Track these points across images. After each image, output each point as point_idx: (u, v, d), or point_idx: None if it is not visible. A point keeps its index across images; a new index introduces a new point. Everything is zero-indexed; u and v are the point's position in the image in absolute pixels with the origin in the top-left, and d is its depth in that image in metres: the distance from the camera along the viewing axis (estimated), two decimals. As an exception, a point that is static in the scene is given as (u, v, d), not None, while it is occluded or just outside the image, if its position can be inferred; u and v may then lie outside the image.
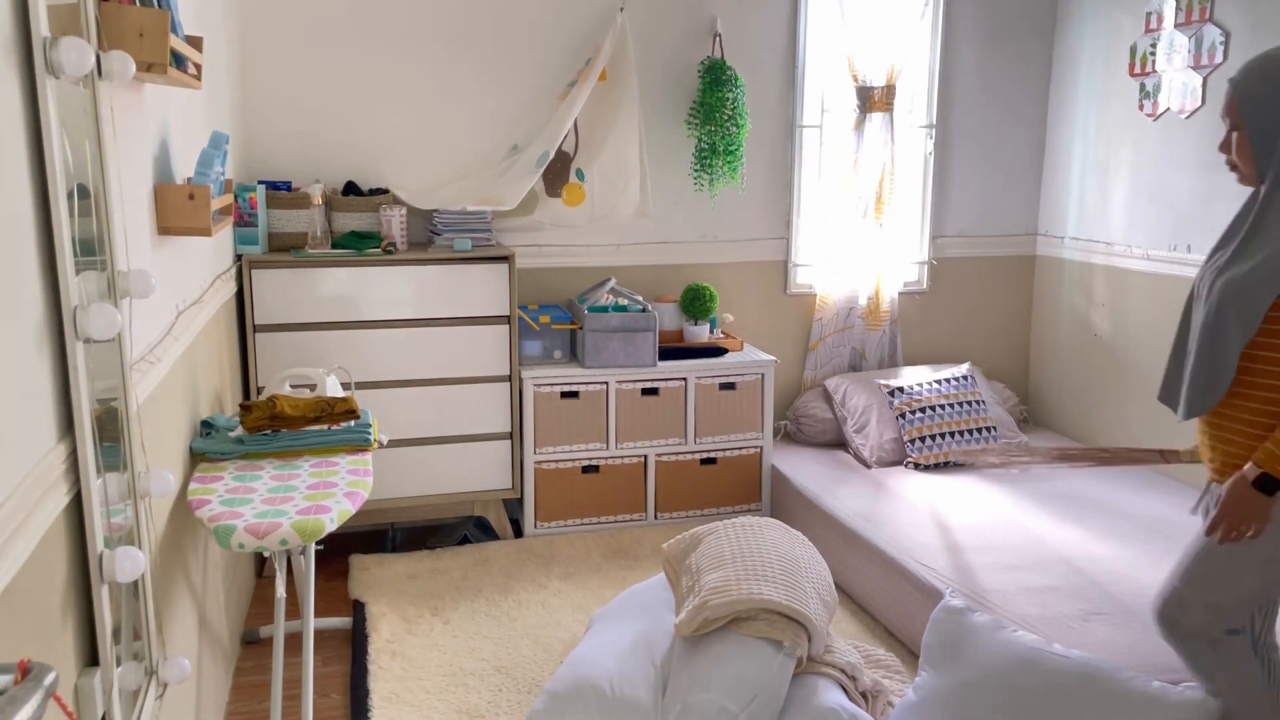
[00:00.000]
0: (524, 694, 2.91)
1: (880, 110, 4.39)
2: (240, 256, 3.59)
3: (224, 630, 2.94)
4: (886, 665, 3.00)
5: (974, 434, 4.09)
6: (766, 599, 2.47)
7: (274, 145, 3.93)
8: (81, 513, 1.56)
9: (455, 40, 4.03)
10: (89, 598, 1.59)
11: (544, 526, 4.04)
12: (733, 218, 4.46)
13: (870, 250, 4.51)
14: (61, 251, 1.48)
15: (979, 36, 4.58)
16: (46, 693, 1.02)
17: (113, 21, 1.78)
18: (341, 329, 3.68)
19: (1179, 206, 3.95)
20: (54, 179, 1.46)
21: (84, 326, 1.52)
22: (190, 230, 2.34)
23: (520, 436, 3.94)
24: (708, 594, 2.53)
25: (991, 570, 3.06)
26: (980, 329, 4.85)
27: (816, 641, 2.52)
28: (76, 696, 1.55)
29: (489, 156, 4.14)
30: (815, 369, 4.61)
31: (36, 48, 1.42)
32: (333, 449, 2.80)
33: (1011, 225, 4.80)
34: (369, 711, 2.81)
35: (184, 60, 2.19)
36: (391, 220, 3.79)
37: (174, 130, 2.56)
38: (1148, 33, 4.07)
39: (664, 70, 4.26)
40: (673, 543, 2.89)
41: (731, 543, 2.73)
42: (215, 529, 2.23)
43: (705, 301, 4.19)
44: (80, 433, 1.53)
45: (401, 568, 3.71)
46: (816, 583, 2.64)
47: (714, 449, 4.16)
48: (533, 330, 4.05)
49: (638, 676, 2.54)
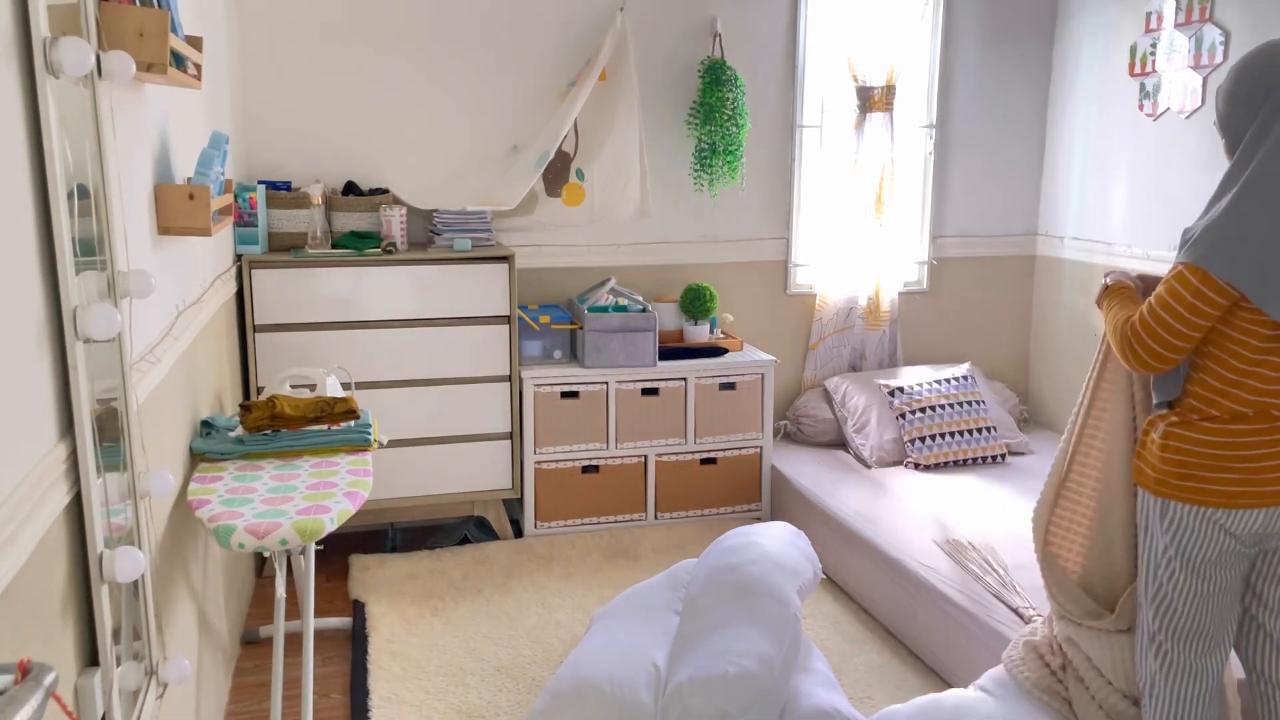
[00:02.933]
0: (524, 694, 2.91)
1: (880, 110, 4.39)
2: (240, 256, 3.59)
3: (224, 630, 2.94)
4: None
5: (974, 434, 4.08)
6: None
7: (274, 145, 3.93)
8: (81, 513, 1.55)
9: (455, 40, 4.03)
10: (89, 598, 1.59)
11: (544, 526, 4.04)
12: (733, 218, 4.46)
13: (870, 250, 4.51)
14: (61, 251, 1.48)
15: (979, 36, 4.58)
16: (46, 693, 1.02)
17: (113, 21, 1.78)
18: (341, 329, 3.68)
19: (1179, 206, 3.95)
20: (54, 179, 1.46)
21: (84, 326, 1.52)
22: (190, 230, 2.34)
23: (520, 436, 3.94)
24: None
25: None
26: (980, 329, 4.85)
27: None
28: (76, 696, 1.55)
29: (489, 156, 4.14)
30: (815, 369, 4.61)
31: (36, 48, 1.41)
32: (333, 449, 2.80)
33: (1011, 225, 4.80)
34: (369, 711, 2.81)
35: (184, 60, 2.19)
36: (391, 220, 3.79)
37: (174, 130, 2.56)
38: (1148, 33, 4.07)
39: (664, 70, 4.26)
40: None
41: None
42: (215, 529, 2.23)
43: (705, 301, 4.19)
44: (80, 433, 1.53)
45: (401, 568, 3.71)
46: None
47: (714, 449, 4.16)
48: (533, 330, 4.05)
49: (638, 676, 2.54)
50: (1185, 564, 2.04)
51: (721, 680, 2.39)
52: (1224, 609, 2.07)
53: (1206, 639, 2.08)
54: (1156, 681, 2.13)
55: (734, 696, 2.37)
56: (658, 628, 2.77)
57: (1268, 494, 1.96)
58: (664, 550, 3.89)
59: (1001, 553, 3.15)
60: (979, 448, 4.07)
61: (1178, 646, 2.09)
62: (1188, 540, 2.03)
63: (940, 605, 2.98)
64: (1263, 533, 1.99)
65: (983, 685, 2.57)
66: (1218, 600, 2.05)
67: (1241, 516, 1.97)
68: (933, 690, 2.94)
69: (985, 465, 4.07)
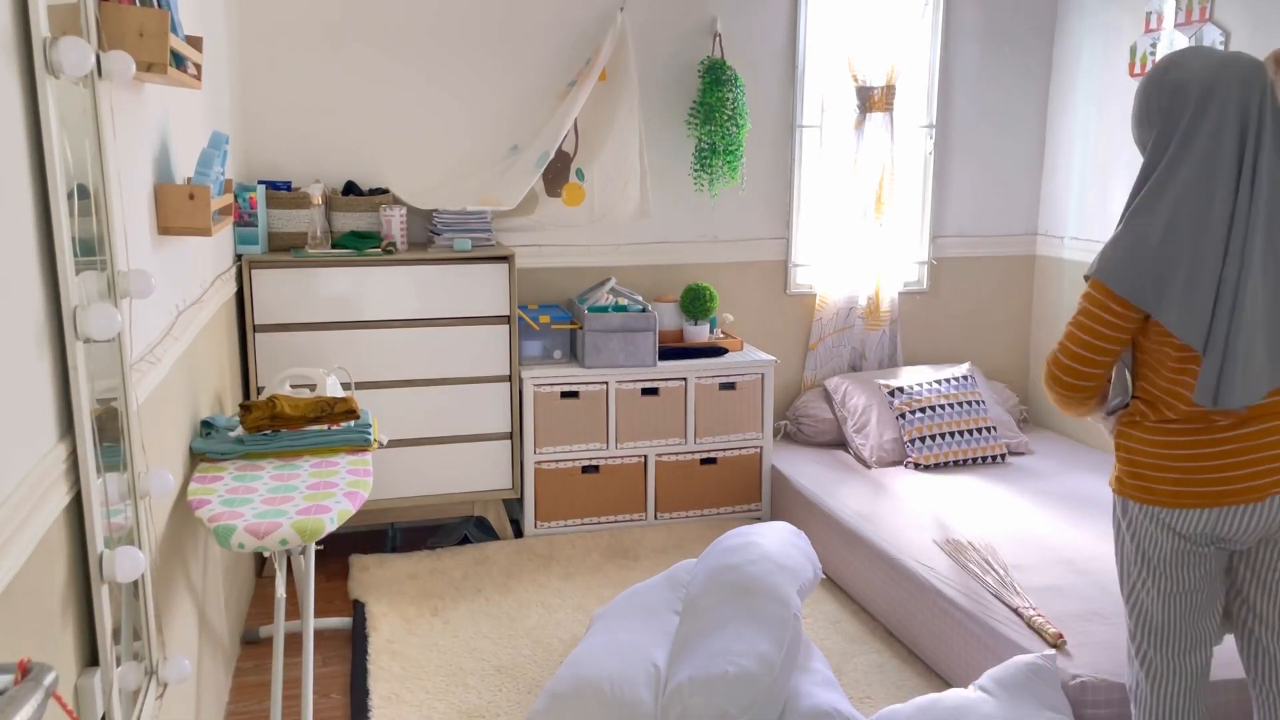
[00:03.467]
0: (524, 694, 2.91)
1: (880, 110, 4.39)
2: (240, 256, 3.59)
3: (224, 630, 2.94)
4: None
5: (974, 434, 4.08)
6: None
7: (274, 145, 3.93)
8: (81, 513, 1.55)
9: (455, 40, 4.03)
10: (89, 598, 1.59)
11: (544, 526, 4.04)
12: (733, 218, 4.46)
13: (870, 250, 4.51)
14: (61, 251, 1.48)
15: (979, 36, 4.58)
16: (46, 693, 1.02)
17: (113, 21, 1.78)
18: (341, 329, 3.68)
19: (1179, 206, 3.95)
20: (54, 179, 1.46)
21: (84, 326, 1.52)
22: (190, 230, 2.34)
23: (520, 436, 3.94)
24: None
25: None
26: (980, 329, 4.85)
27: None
28: (76, 696, 1.55)
29: (489, 156, 4.13)
30: (815, 369, 4.61)
31: (36, 48, 1.41)
32: (333, 449, 2.80)
33: (1011, 225, 4.80)
34: (369, 711, 2.81)
35: (184, 60, 2.19)
36: (391, 220, 3.79)
37: (174, 130, 2.56)
38: (1148, 33, 4.07)
39: (664, 70, 4.26)
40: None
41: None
42: (215, 529, 2.23)
43: (705, 301, 4.18)
44: (80, 433, 1.53)
45: (401, 568, 3.71)
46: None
47: (714, 449, 4.16)
48: (533, 330, 4.05)
49: (638, 676, 2.54)
50: (1145, 563, 2.04)
51: (721, 680, 2.39)
52: (1195, 609, 2.04)
53: (1182, 639, 2.06)
54: (1140, 684, 2.13)
55: (734, 696, 2.37)
56: (658, 628, 2.77)
57: (1208, 494, 1.95)
58: (664, 550, 3.89)
59: (1001, 553, 3.15)
60: (979, 448, 4.07)
61: (1155, 648, 2.08)
62: (1144, 539, 2.03)
63: (940, 605, 2.98)
64: (1212, 534, 1.97)
65: (983, 685, 2.57)
66: (1185, 600, 2.03)
67: (1185, 516, 1.96)
68: (933, 690, 2.94)
69: (985, 465, 4.07)
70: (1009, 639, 2.69)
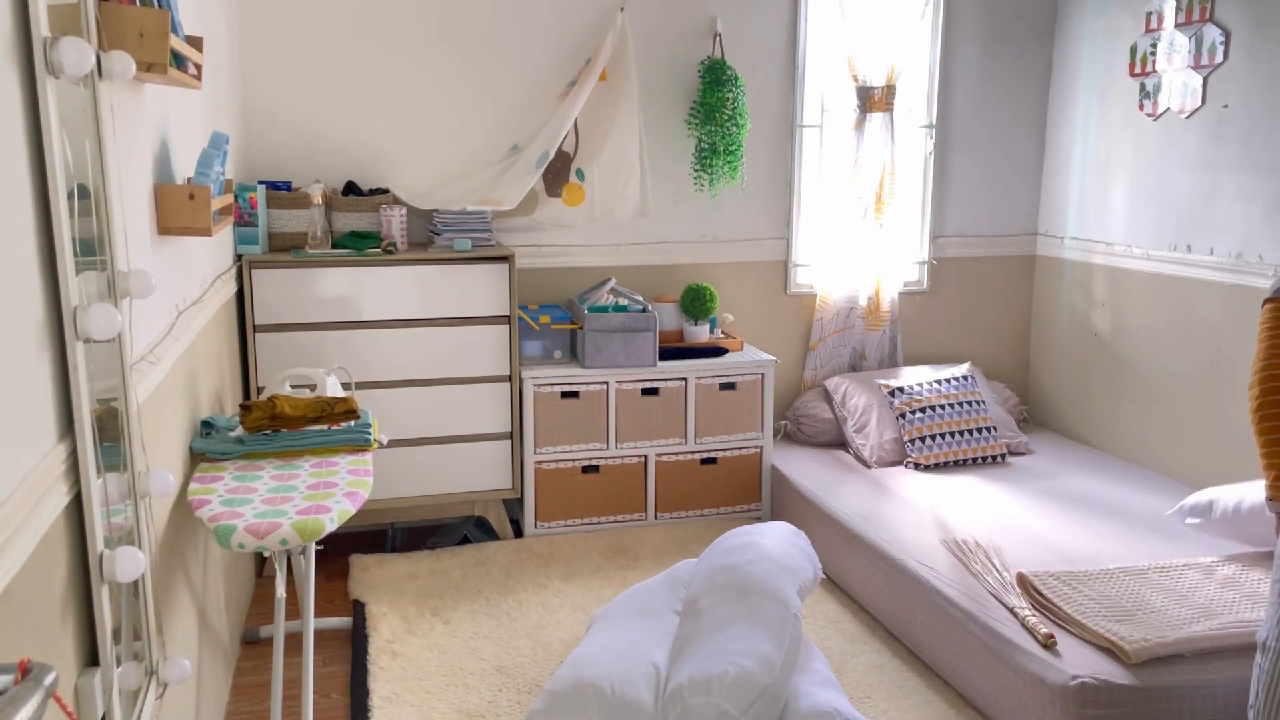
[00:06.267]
0: (524, 694, 2.91)
1: (880, 110, 4.39)
2: (240, 256, 3.59)
3: (224, 630, 2.94)
4: None
5: (974, 434, 4.08)
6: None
7: (274, 145, 3.93)
8: (81, 513, 1.55)
9: (456, 40, 4.03)
10: (89, 598, 1.59)
11: (544, 526, 4.04)
12: (733, 218, 4.46)
13: (870, 250, 4.51)
14: (61, 251, 1.48)
15: (979, 36, 4.58)
16: (46, 693, 1.02)
17: (113, 21, 1.78)
18: (341, 329, 3.68)
19: (1179, 206, 3.95)
20: (54, 179, 1.46)
21: (84, 326, 1.52)
22: (190, 230, 2.34)
23: (520, 436, 3.94)
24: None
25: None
26: (980, 329, 4.85)
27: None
28: (76, 696, 1.55)
29: (489, 156, 4.14)
30: (815, 369, 4.61)
31: (36, 48, 1.41)
32: (333, 449, 2.80)
33: (1011, 225, 4.80)
34: (369, 711, 2.81)
35: (184, 60, 2.19)
36: (391, 220, 3.79)
37: (174, 130, 2.56)
38: (1148, 32, 4.07)
39: (664, 70, 4.26)
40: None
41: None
42: (215, 529, 2.23)
43: (705, 301, 4.19)
44: (80, 433, 1.53)
45: (401, 568, 3.71)
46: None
47: (714, 449, 4.16)
48: (533, 330, 4.05)
49: (638, 676, 2.54)
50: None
51: (721, 680, 2.39)
52: None
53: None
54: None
55: (734, 696, 2.37)
56: (658, 628, 2.77)
57: None
58: (664, 550, 3.90)
59: (1002, 553, 3.15)
60: (979, 447, 4.07)
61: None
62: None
63: (940, 605, 2.98)
64: None
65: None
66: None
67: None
68: (933, 690, 2.94)
69: (985, 465, 4.08)
70: (1009, 639, 2.69)
